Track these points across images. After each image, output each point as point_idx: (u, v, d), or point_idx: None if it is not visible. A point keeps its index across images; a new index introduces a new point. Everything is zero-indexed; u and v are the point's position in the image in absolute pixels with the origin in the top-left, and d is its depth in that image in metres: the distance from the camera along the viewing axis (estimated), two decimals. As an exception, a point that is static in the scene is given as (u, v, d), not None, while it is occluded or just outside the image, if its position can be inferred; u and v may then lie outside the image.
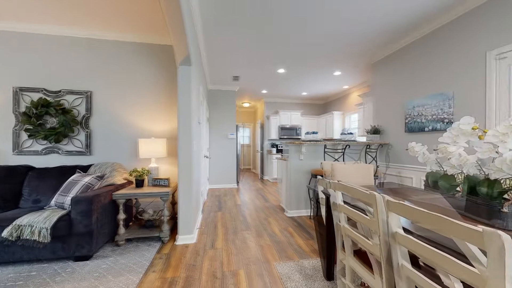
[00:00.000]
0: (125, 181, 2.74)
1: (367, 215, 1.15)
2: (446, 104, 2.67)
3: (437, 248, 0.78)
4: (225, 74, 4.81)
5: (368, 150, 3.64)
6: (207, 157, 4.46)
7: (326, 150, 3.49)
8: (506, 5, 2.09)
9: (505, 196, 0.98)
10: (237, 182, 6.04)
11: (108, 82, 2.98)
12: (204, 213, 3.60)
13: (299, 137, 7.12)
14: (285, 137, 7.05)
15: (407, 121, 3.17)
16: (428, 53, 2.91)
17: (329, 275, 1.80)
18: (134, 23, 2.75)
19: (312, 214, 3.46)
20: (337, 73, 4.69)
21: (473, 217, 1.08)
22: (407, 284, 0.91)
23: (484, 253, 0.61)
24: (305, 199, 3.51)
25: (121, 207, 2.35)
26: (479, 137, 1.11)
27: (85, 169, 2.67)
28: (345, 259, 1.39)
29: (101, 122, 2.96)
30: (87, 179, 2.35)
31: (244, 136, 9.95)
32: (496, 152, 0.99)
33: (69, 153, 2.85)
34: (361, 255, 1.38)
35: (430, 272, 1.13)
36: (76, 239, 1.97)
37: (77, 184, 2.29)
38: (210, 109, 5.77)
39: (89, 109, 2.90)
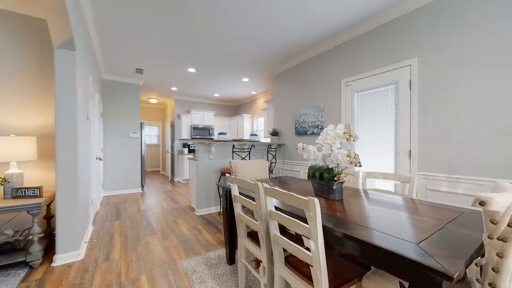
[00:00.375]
0: (-40, 195, 1.95)
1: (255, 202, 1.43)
2: (319, 114, 3.55)
3: (293, 217, 1.11)
4: (126, 65, 4.26)
5: (269, 149, 4.26)
6: (100, 159, 3.79)
7: (234, 149, 3.80)
8: (350, 49, 3.06)
9: (335, 178, 1.49)
10: (142, 186, 5.46)
11: None
12: (96, 224, 3.07)
13: (212, 137, 7.26)
14: (197, 137, 6.99)
15: (296, 126, 3.96)
16: (310, 73, 3.77)
17: (231, 259, 2.04)
18: (-22, -23, 2.00)
19: (221, 210, 3.67)
20: (245, 79, 5.17)
21: (321, 194, 1.57)
22: (278, 248, 1.22)
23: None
24: (215, 197, 3.69)
25: (-49, 232, 1.66)
26: (347, 139, 1.47)
27: None
28: (242, 241, 1.65)
29: None
30: None
31: (151, 135, 9.03)
32: (331, 150, 1.50)
33: None
34: (254, 236, 1.67)
35: (293, 237, 1.54)
36: None
37: None
38: (105, 103, 4.91)
39: None
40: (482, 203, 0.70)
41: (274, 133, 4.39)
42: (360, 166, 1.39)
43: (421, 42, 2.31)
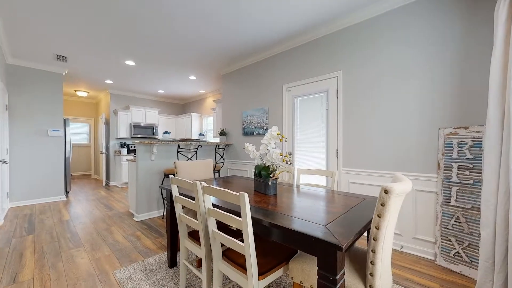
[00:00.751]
0: None
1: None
2: (264, 115, 3.77)
3: (232, 214, 1.18)
4: (42, 49, 3.57)
5: (217, 149, 4.26)
6: (3, 162, 3.07)
7: (179, 150, 3.66)
8: (292, 56, 3.37)
9: (271, 175, 1.64)
10: (66, 193, 4.66)
11: None
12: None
13: (156, 136, 6.76)
14: (138, 136, 6.39)
15: (243, 126, 4.09)
16: (257, 76, 3.95)
17: (173, 262, 1.98)
18: None
19: (164, 213, 3.49)
20: (192, 77, 5.03)
21: (259, 191, 1.70)
22: (216, 244, 1.28)
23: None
24: (158, 200, 3.47)
25: None
26: (280, 140, 1.67)
27: None
28: (183, 242, 1.63)
29: None
30: None
31: (78, 133, 7.78)
32: (267, 149, 1.64)
33: None
34: (195, 235, 1.68)
35: (236, 233, 1.63)
36: None
37: None
38: (13, 94, 3.99)
39: None
40: (386, 191, 0.90)
41: (222, 133, 4.42)
42: (290, 163, 1.57)
43: (345, 58, 2.74)
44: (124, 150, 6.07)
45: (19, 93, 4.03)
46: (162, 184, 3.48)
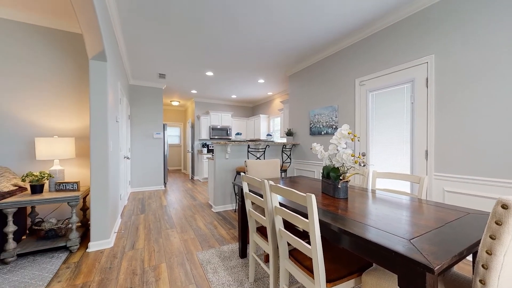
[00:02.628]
0: (15, 187, 2.29)
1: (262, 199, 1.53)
2: (333, 114, 3.54)
3: (297, 213, 1.19)
4: (150, 71, 4.59)
5: (284, 149, 4.32)
6: (127, 158, 4.14)
7: (249, 149, 3.92)
8: (367, 45, 3.02)
9: (340, 177, 1.53)
10: (165, 184, 5.81)
11: (-14, 67, 2.40)
12: (124, 217, 3.38)
13: (230, 137, 7.47)
14: (216, 137, 7.25)
15: (311, 126, 3.98)
16: (324, 73, 3.76)
17: (243, 253, 2.15)
18: (27, 1, 2.34)
19: (236, 207, 3.82)
20: (261, 80, 5.28)
21: (327, 193, 1.62)
22: (282, 242, 1.31)
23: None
24: (231, 195, 3.84)
25: (10, 218, 1.98)
26: (352, 140, 1.53)
27: None
28: (252, 236, 1.75)
29: (-26, 116, 2.35)
30: (-47, 187, 1.87)
31: (172, 135, 9.51)
32: (337, 150, 1.54)
33: None
34: (263, 231, 1.76)
35: (302, 234, 1.61)
36: None
37: None
38: (132, 106, 5.32)
39: (-47, 99, 2.26)
40: (504, 206, 0.68)
41: (289, 133, 4.43)
42: (364, 165, 1.41)
43: (439, 39, 2.23)
44: (205, 150, 7.02)
45: (136, 106, 5.34)
46: (234, 180, 3.83)
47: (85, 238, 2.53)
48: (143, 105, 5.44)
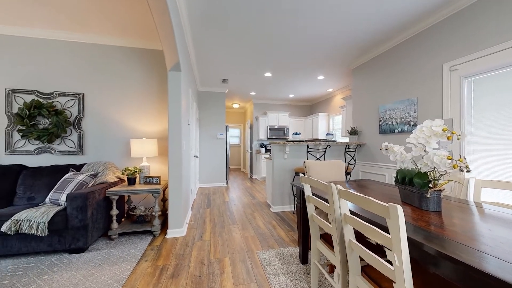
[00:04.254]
0: (117, 179, 2.87)
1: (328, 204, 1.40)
2: (411, 108, 2.99)
3: (372, 224, 1.02)
4: (215, 77, 5.00)
5: (347, 149, 3.94)
6: (196, 156, 4.64)
7: (308, 150, 3.76)
8: (457, 23, 2.42)
9: (430, 185, 1.24)
10: (226, 181, 6.23)
11: (100, 85, 3.10)
12: (193, 209, 3.78)
13: (287, 137, 7.40)
14: (273, 137, 7.30)
15: (380, 123, 3.49)
16: (398, 62, 3.23)
17: (304, 259, 2.05)
18: (125, 29, 2.89)
19: (295, 209, 3.71)
20: (321, 77, 4.99)
21: (410, 203, 1.35)
22: (353, 256, 1.15)
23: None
24: (289, 195, 3.76)
25: (114, 203, 2.50)
26: (448, 138, 1.17)
27: (78, 168, 2.79)
28: (315, 242, 1.64)
29: (93, 123, 3.08)
30: (81, 177, 2.48)
31: (233, 136, 10.13)
32: (424, 150, 1.26)
33: (62, 153, 2.95)
34: (327, 238, 1.62)
35: (375, 247, 1.39)
36: (72, 232, 2.11)
37: (72, 181, 2.42)
38: (200, 110, 5.93)
39: (81, 111, 3.01)
40: None
41: (353, 132, 4.02)
42: (467, 171, 1.10)
43: None
44: (263, 150, 7.18)
45: (203, 109, 5.93)
46: (293, 181, 3.74)
47: (164, 225, 2.95)
48: (209, 109, 5.98)
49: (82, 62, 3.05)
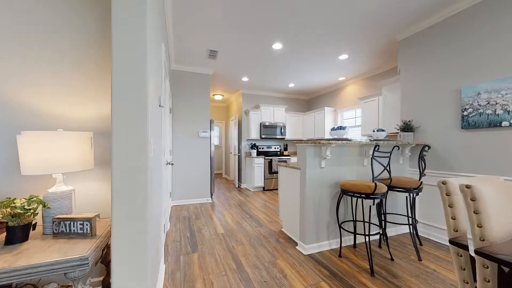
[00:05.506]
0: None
1: None
2: (533, 88, 1.88)
3: None
4: (199, 47, 3.41)
5: (423, 153, 2.75)
6: (170, 163, 2.99)
7: (375, 154, 2.42)
8: None
9: None
10: (211, 195, 4.62)
11: None
12: (168, 259, 2.16)
13: (283, 137, 6.06)
14: (267, 136, 5.90)
15: (464, 113, 2.34)
16: (486, 22, 2.12)
17: None
18: None
19: (340, 248, 2.37)
20: (343, 56, 3.76)
21: None
22: None
23: None
24: (327, 225, 2.40)
25: None
26: None
27: None
28: None
29: None
30: None
31: (213, 135, 8.46)
32: None
33: None
34: None
35: None
36: None
37: None
38: (174, 97, 4.23)
39: None
40: None
41: (407, 128, 2.83)
42: None
43: None
44: (254, 152, 5.71)
45: (177, 96, 4.23)
46: (338, 203, 2.38)
47: (105, 325, 1.33)
48: (186, 96, 4.31)
49: None
